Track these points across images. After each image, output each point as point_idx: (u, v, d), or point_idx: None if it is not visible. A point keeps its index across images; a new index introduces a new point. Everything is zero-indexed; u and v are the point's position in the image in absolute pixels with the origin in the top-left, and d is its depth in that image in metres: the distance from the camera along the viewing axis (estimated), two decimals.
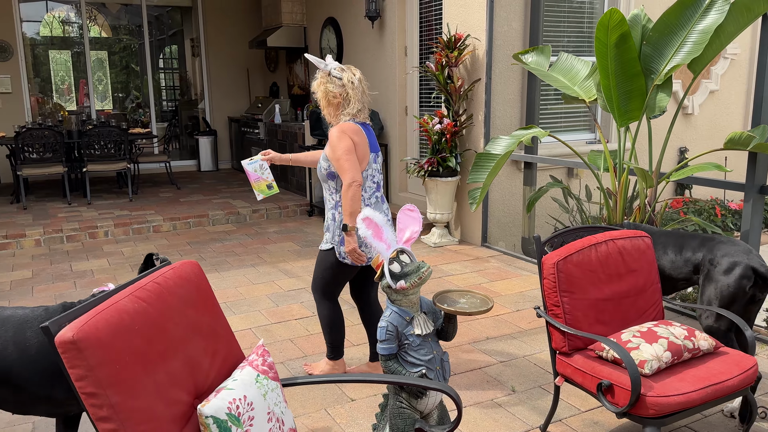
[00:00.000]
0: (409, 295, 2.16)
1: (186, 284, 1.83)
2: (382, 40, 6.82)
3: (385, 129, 6.96)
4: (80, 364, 1.41)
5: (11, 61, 8.72)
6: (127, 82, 10.50)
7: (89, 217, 6.46)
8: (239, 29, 10.19)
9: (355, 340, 3.65)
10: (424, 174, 5.50)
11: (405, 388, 2.19)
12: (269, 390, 1.77)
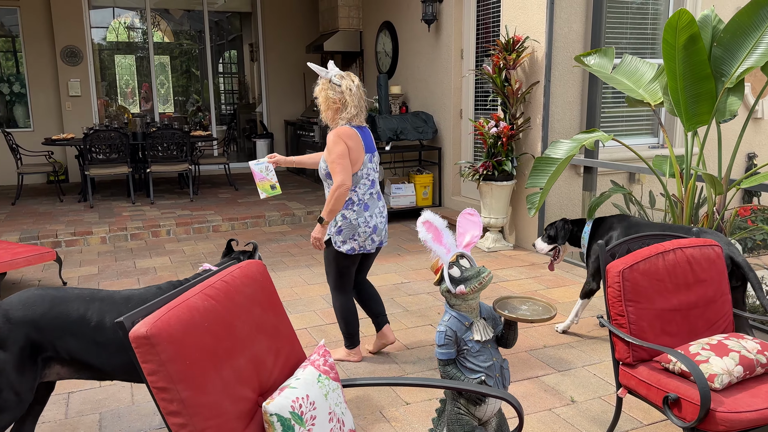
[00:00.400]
0: (468, 300, 2.14)
1: (252, 283, 1.87)
2: (437, 43, 6.81)
3: (439, 132, 6.94)
4: (152, 359, 1.45)
5: (81, 66, 9.14)
6: (188, 86, 10.83)
7: (152, 216, 6.70)
8: (296, 34, 10.37)
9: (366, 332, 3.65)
10: (479, 178, 5.45)
11: (463, 394, 2.17)
12: (330, 390, 1.79)
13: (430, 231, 2.10)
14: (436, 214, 2.12)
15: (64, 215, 6.76)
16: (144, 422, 2.79)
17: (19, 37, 9.09)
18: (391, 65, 7.90)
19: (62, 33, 8.96)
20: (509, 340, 2.21)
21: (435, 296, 4.45)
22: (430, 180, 7.01)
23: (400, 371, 3.28)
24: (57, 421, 2.80)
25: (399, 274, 4.98)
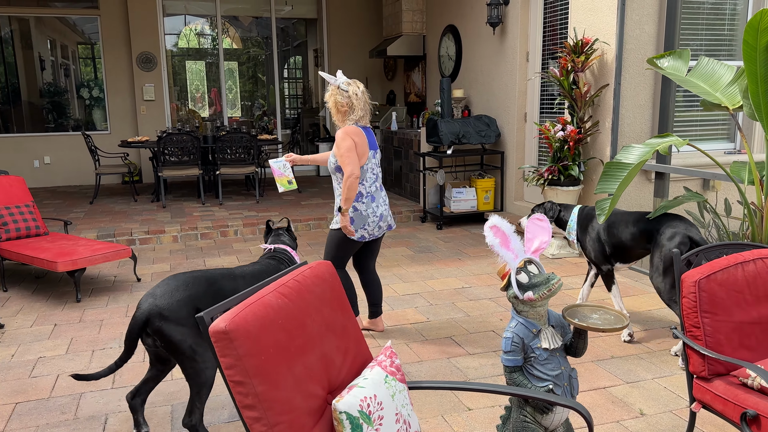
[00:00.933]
0: (536, 307, 2.12)
1: (322, 283, 1.91)
2: (502, 46, 6.74)
3: (502, 136, 6.87)
4: (230, 353, 1.51)
5: (155, 72, 9.55)
6: (254, 91, 11.12)
7: (221, 216, 6.92)
8: (360, 39, 10.49)
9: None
10: (544, 182, 5.36)
11: (530, 402, 2.14)
12: (397, 391, 1.80)
13: (497, 235, 2.08)
14: (503, 219, 2.11)
15: (138, 214, 7.08)
16: (213, 416, 2.89)
17: (98, 44, 9.59)
18: (454, 69, 7.88)
19: (138, 40, 9.40)
20: (578, 349, 2.17)
21: (497, 302, 4.40)
22: (491, 184, 6.94)
23: (461, 377, 3.26)
24: None
25: (459, 279, 4.95)
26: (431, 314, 4.18)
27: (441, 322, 4.02)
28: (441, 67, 8.31)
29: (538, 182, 5.39)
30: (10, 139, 9.32)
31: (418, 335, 3.82)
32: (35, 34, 9.44)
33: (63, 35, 9.67)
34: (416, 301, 4.44)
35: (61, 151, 9.55)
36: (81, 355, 3.57)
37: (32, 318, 4.20)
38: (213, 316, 1.60)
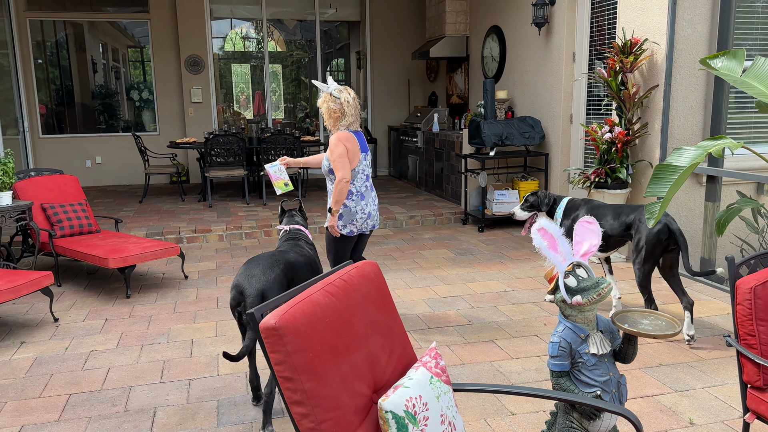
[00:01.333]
0: (584, 311, 2.08)
1: (368, 283, 1.92)
2: (548, 46, 6.65)
3: (547, 138, 6.77)
4: (280, 349, 1.53)
5: (202, 74, 9.77)
6: (296, 93, 11.26)
7: (264, 216, 7.03)
8: (403, 41, 10.51)
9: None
10: (590, 185, 5.26)
11: (577, 408, 2.10)
12: (442, 393, 1.80)
13: (545, 238, 2.06)
14: (551, 221, 2.08)
15: (186, 213, 7.25)
16: (258, 412, 2.94)
17: (147, 48, 9.87)
18: (497, 70, 7.81)
19: (186, 43, 9.63)
20: (628, 355, 2.12)
21: (540, 306, 4.34)
22: (535, 187, 6.85)
23: (504, 381, 3.23)
24: (179, 405, 3.01)
25: (502, 282, 4.90)
26: (473, 317, 4.15)
27: (483, 325, 3.99)
28: (484, 68, 8.25)
29: (584, 185, 5.29)
30: (64, 139, 9.68)
31: (460, 338, 3.80)
32: (88, 38, 9.78)
33: (114, 39, 9.99)
34: (457, 304, 4.42)
35: (111, 151, 9.86)
36: (130, 350, 3.68)
37: (84, 313, 4.35)
38: (263, 313, 1.63)
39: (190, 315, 4.27)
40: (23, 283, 3.84)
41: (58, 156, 9.65)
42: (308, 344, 1.57)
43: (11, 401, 3.07)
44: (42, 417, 2.91)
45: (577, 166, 6.45)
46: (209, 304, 4.48)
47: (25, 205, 4.78)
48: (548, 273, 2.14)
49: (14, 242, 6.03)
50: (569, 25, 6.32)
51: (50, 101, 9.68)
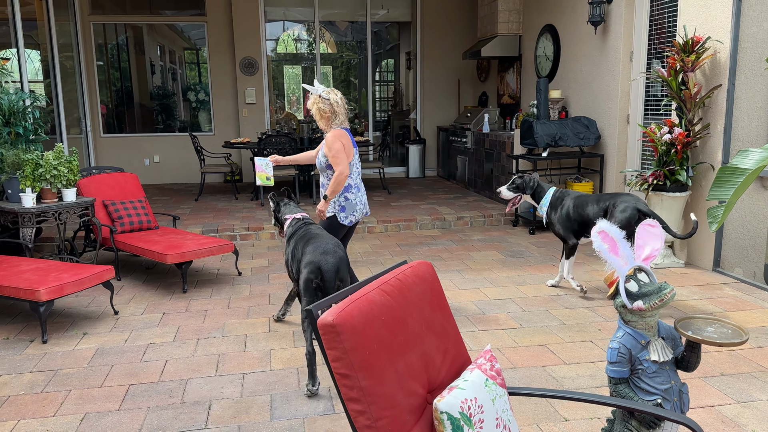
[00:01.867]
0: (646, 317, 2.02)
1: (422, 283, 1.92)
2: (604, 45, 6.50)
3: (603, 138, 6.61)
4: (337, 346, 1.55)
5: (256, 76, 9.97)
6: (345, 94, 11.36)
7: (314, 215, 7.11)
8: (454, 41, 10.46)
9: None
10: (648, 188, 5.11)
11: (636, 416, 2.05)
12: (497, 396, 1.78)
13: (605, 241, 2.01)
14: (612, 224, 2.03)
15: (239, 212, 7.41)
16: (310, 407, 2.97)
17: (203, 50, 10.13)
18: (551, 69, 7.68)
19: (242, 45, 9.84)
20: (691, 363, 2.05)
21: (595, 311, 4.25)
22: (589, 188, 6.70)
23: (557, 386, 3.17)
24: (234, 399, 3.08)
25: (554, 286, 4.81)
26: (524, 320, 4.09)
27: (535, 329, 3.93)
28: (537, 67, 8.13)
29: (642, 187, 5.14)
30: (123, 138, 10.04)
31: (511, 341, 3.75)
32: (147, 40, 10.12)
33: (171, 41, 10.30)
34: (508, 307, 4.36)
35: (169, 150, 10.17)
36: (187, 343, 3.78)
37: (143, 306, 4.50)
38: (321, 310, 1.64)
39: (244, 311, 4.36)
40: (86, 276, 4.00)
41: (118, 155, 10.01)
42: (365, 342, 1.58)
43: (75, 389, 3.20)
44: (103, 406, 3.02)
45: (634, 167, 6.27)
46: (262, 300, 4.56)
47: (88, 201, 4.97)
48: (608, 277, 2.09)
49: (77, 237, 6.29)
50: (627, 24, 6.15)
51: (111, 102, 10.06)
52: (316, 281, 3.19)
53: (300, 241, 3.49)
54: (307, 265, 3.23)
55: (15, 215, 4.61)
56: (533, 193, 4.63)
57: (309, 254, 3.27)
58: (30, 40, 7.56)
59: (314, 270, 3.19)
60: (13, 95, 5.23)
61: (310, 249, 3.30)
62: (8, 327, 4.12)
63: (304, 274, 3.22)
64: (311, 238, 3.41)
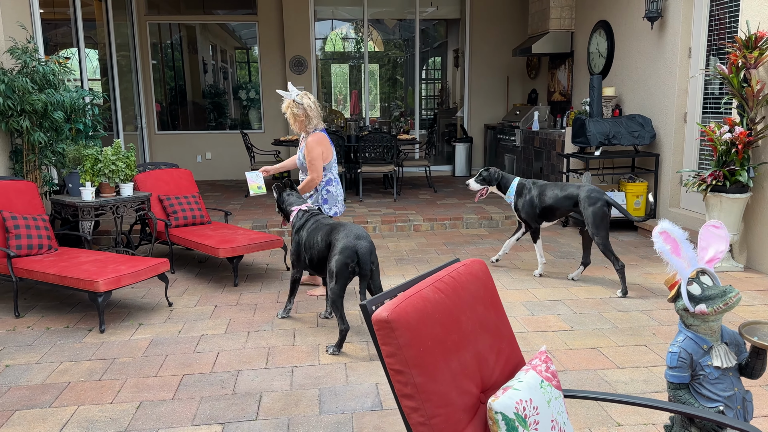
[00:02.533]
0: (708, 321, 1.95)
1: (476, 281, 1.90)
2: (661, 41, 6.30)
3: (658, 137, 6.42)
4: (391, 342, 1.54)
5: (305, 75, 10.08)
6: (391, 92, 11.35)
7: (361, 212, 7.15)
8: (503, 38, 10.33)
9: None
10: (706, 188, 4.93)
11: (696, 423, 1.98)
12: (553, 398, 1.75)
13: (667, 242, 1.94)
14: (675, 225, 1.96)
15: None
16: (357, 402, 2.99)
17: (253, 49, 10.31)
18: (604, 66, 7.50)
19: (292, 44, 9.97)
20: (756, 370, 1.97)
21: (649, 315, 4.13)
22: (643, 189, 6.51)
23: (609, 390, 3.09)
24: (283, 391, 3.12)
25: (606, 288, 4.70)
26: (575, 323, 4.01)
27: (586, 332, 3.85)
28: (590, 64, 7.95)
29: (700, 188, 4.97)
30: (177, 135, 10.31)
31: (561, 343, 3.68)
32: (200, 39, 10.36)
33: (223, 41, 10.52)
34: (558, 308, 4.28)
35: (220, 147, 10.40)
36: (238, 336, 3.86)
37: (196, 299, 4.61)
38: (375, 305, 1.65)
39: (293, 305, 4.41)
40: (143, 268, 4.12)
41: (172, 151, 10.29)
42: (419, 339, 1.57)
43: (131, 378, 3.30)
44: (158, 395, 3.11)
45: (691, 167, 6.06)
46: (310, 296, 4.61)
47: (144, 196, 5.13)
48: (669, 279, 2.02)
49: (133, 230, 6.49)
50: (686, 19, 5.95)
51: (165, 100, 10.34)
52: (352, 265, 3.43)
53: (316, 232, 3.75)
54: (343, 250, 3.45)
55: (75, 208, 4.80)
56: (498, 184, 4.97)
57: (342, 240, 3.49)
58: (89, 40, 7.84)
59: (351, 255, 3.43)
60: (74, 93, 5.44)
61: (341, 236, 3.52)
62: (68, 316, 4.28)
63: (340, 259, 3.45)
64: (336, 226, 3.63)
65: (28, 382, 3.27)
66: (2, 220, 4.40)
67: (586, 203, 4.55)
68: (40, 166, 5.44)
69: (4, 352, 3.67)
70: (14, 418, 2.89)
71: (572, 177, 6.91)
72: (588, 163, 6.41)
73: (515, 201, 4.91)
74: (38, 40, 6.09)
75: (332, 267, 3.50)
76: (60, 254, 4.48)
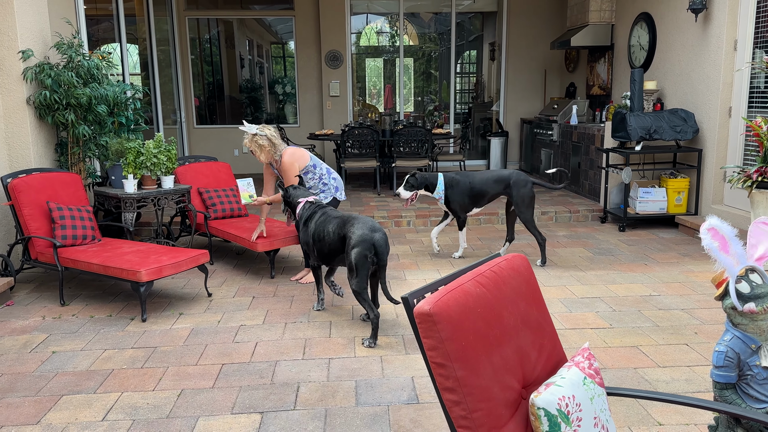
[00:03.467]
0: (757, 320, 1.90)
1: (518, 276, 1.89)
2: (705, 34, 6.13)
3: (701, 132, 6.25)
4: (433, 335, 1.55)
5: (340, 69, 10.11)
6: (425, 87, 11.31)
7: (394, 207, 7.15)
8: (541, 31, 10.18)
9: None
10: (752, 185, 4.79)
11: (743, 424, 1.93)
12: (596, 395, 1.73)
13: (715, 239, 1.90)
14: (724, 221, 1.92)
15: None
16: (393, 395, 3.00)
17: (288, 44, 10.38)
18: (645, 59, 7.33)
19: (327, 39, 10.01)
20: None
21: (691, 314, 4.03)
22: (685, 185, 6.36)
23: (650, 389, 3.04)
24: (320, 382, 3.15)
25: (646, 286, 4.61)
26: (614, 320, 3.94)
27: (626, 330, 3.78)
28: (631, 57, 7.78)
29: (745, 184, 4.83)
30: (214, 129, 10.47)
31: (600, 341, 3.63)
32: (237, 35, 10.48)
33: (260, 36, 10.63)
34: (597, 305, 4.22)
35: None
36: (275, 327, 3.91)
37: (234, 290, 4.69)
38: (416, 298, 1.65)
39: (328, 298, 4.45)
40: (183, 259, 4.21)
41: (210, 145, 10.46)
42: (461, 332, 1.57)
43: (172, 366, 3.38)
44: (199, 383, 3.18)
45: (736, 163, 5.89)
46: (345, 289, 4.64)
47: (184, 188, 5.23)
48: (717, 277, 1.98)
49: (173, 223, 6.63)
50: (731, 11, 5.77)
51: (203, 94, 10.51)
52: (371, 256, 3.57)
53: (326, 224, 3.86)
54: (360, 242, 3.57)
55: (118, 200, 4.92)
56: (426, 186, 5.17)
57: (357, 233, 3.60)
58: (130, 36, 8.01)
59: (369, 246, 3.57)
60: (117, 87, 5.57)
61: (356, 228, 3.63)
62: (111, 305, 4.40)
63: (358, 251, 3.56)
64: (348, 219, 3.75)
65: (73, 368, 3.37)
66: (49, 211, 4.55)
67: (517, 186, 5.00)
68: (84, 158, 5.59)
69: (51, 339, 3.79)
70: (61, 403, 2.99)
71: (611, 172, 6.78)
72: (628, 159, 6.29)
73: (446, 194, 5.14)
74: (83, 36, 6.25)
75: (352, 260, 3.58)
76: (103, 245, 4.60)
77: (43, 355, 3.55)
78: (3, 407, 2.96)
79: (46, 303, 4.45)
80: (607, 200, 6.78)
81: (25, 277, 5.10)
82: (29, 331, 3.93)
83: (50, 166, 5.53)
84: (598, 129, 7.14)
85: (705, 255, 5.42)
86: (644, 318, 3.97)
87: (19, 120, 5.18)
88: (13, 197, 4.52)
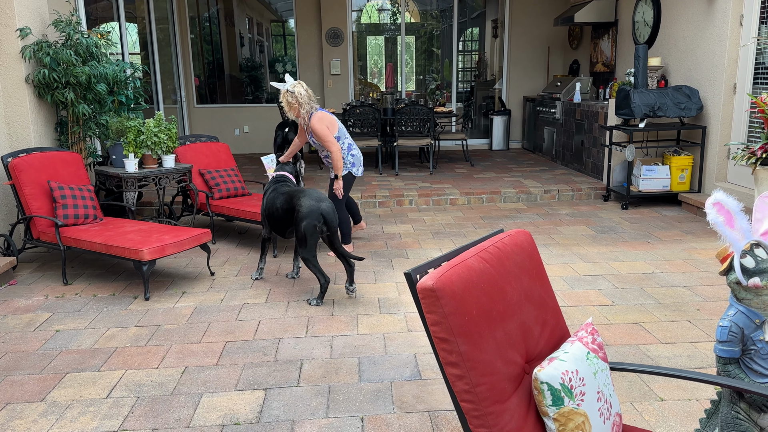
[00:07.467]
0: (762, 295, 1.89)
1: (521, 252, 1.88)
2: (710, 9, 6.04)
3: (705, 109, 6.20)
4: (436, 310, 1.54)
5: (341, 47, 10.02)
6: (427, 65, 11.20)
7: (397, 186, 7.13)
8: (544, 7, 10.06)
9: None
10: (756, 161, 4.75)
11: (746, 398, 1.93)
12: (599, 370, 1.72)
13: (721, 213, 1.88)
14: (729, 195, 1.90)
15: (324, 181, 7.54)
16: (396, 372, 3.01)
17: (288, 22, 10.27)
18: (650, 35, 7.24)
19: (328, 16, 9.90)
20: None
21: (693, 291, 4.03)
22: (689, 162, 6.32)
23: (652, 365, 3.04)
24: (323, 359, 3.16)
25: (649, 263, 4.61)
26: (617, 298, 3.94)
27: (628, 307, 3.79)
28: (635, 33, 7.69)
29: (749, 161, 4.80)
30: (215, 109, 10.42)
31: (603, 318, 3.64)
32: (237, 12, 10.36)
33: (259, 13, 10.50)
34: (599, 283, 4.22)
35: (257, 121, 10.46)
36: (278, 305, 3.92)
37: (236, 269, 4.70)
38: (419, 274, 1.64)
39: (330, 276, 4.46)
40: (186, 238, 4.21)
41: (210, 125, 10.41)
42: (464, 307, 1.57)
43: (176, 344, 3.40)
44: (202, 360, 3.19)
45: (740, 140, 5.85)
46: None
47: (185, 167, 5.21)
48: (721, 252, 1.96)
49: (174, 202, 6.62)
50: None
51: (203, 73, 10.43)
52: (319, 226, 3.81)
53: (275, 199, 4.08)
54: (309, 214, 3.79)
55: (119, 179, 4.90)
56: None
57: (305, 205, 3.82)
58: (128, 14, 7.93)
59: (317, 216, 3.80)
60: (116, 65, 5.52)
61: (303, 201, 3.85)
62: (114, 284, 4.41)
63: (308, 221, 3.78)
64: (295, 193, 3.96)
65: (77, 346, 3.39)
66: (50, 190, 4.54)
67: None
68: (85, 137, 5.56)
69: (54, 317, 3.81)
70: (65, 380, 3.01)
71: (615, 150, 6.75)
72: (632, 136, 6.25)
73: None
74: (81, 13, 6.17)
75: (301, 230, 3.80)
76: (105, 224, 4.60)
77: (46, 333, 3.57)
78: (8, 385, 2.98)
79: (49, 282, 4.46)
80: (610, 178, 6.75)
81: (27, 257, 5.11)
82: (32, 310, 3.94)
83: (50, 146, 5.51)
84: (602, 106, 7.09)
85: (708, 232, 5.41)
86: (647, 295, 3.97)
87: (19, 99, 5.15)
88: (13, 176, 4.51)
